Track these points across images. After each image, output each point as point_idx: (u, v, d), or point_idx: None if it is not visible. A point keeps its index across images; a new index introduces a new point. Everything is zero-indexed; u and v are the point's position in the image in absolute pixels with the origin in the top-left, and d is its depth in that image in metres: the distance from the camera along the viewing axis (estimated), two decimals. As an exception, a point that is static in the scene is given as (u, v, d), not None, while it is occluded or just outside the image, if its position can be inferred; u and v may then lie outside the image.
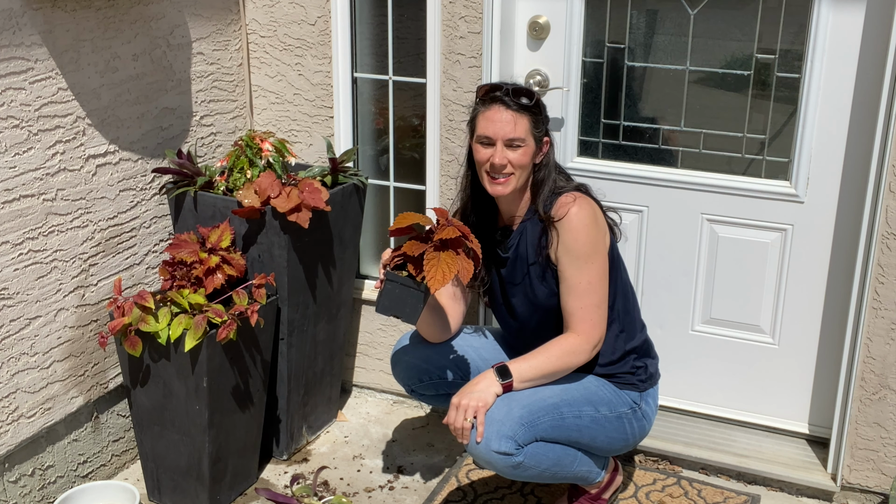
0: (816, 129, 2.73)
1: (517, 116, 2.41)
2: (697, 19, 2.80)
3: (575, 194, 2.48)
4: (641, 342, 2.62)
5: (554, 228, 2.45)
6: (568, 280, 2.45)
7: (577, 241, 2.42)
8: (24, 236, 2.52)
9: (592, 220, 2.45)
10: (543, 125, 2.48)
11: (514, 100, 2.41)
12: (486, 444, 2.36)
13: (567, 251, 2.44)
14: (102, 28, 2.65)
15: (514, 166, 2.43)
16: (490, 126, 2.43)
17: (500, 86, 2.44)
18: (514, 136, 2.41)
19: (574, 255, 2.43)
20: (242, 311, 2.60)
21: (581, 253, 2.43)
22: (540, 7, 2.93)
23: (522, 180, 2.48)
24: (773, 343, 2.97)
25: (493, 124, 2.42)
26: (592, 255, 2.44)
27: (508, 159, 2.42)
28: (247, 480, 2.88)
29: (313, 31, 3.12)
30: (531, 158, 2.45)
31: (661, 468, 2.97)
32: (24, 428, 2.60)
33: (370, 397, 3.43)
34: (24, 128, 2.47)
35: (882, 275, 2.61)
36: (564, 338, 2.47)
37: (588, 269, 2.43)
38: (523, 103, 2.41)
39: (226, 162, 2.85)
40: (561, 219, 2.44)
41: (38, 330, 2.60)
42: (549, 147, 2.50)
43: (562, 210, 2.44)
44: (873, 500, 2.80)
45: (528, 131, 2.43)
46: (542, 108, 2.48)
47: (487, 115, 2.44)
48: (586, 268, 2.43)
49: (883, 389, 2.69)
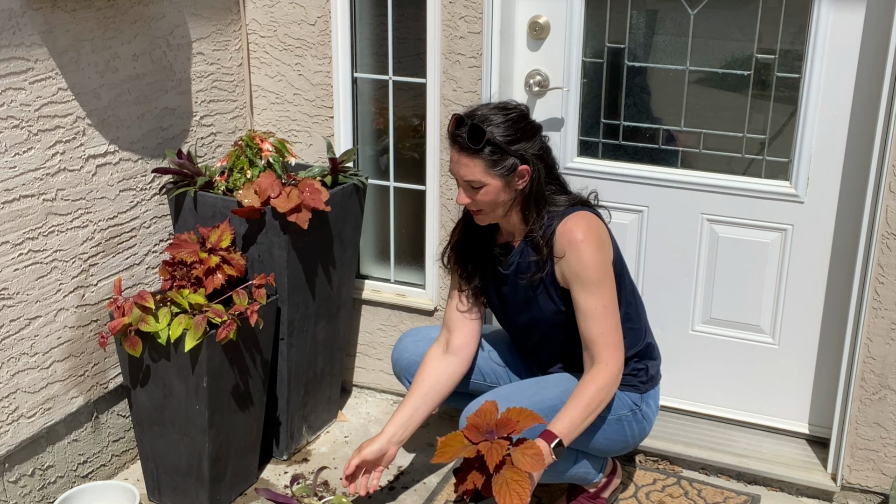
0: (816, 129, 2.73)
1: (470, 160, 2.35)
2: (697, 19, 2.80)
3: (575, 217, 2.41)
4: (644, 346, 2.60)
5: (558, 255, 2.41)
6: (583, 307, 2.41)
7: (588, 270, 2.38)
8: (24, 236, 2.52)
9: (598, 244, 2.40)
10: (513, 159, 2.35)
11: (467, 142, 2.34)
12: None
13: (577, 279, 2.40)
14: (102, 28, 2.65)
15: (479, 204, 2.40)
16: (451, 165, 2.41)
17: (461, 121, 2.36)
18: (470, 179, 2.37)
19: (585, 283, 2.39)
20: (242, 311, 2.60)
21: (592, 280, 2.39)
22: (540, 7, 2.93)
23: (500, 212, 2.43)
24: (773, 343, 2.97)
25: (453, 164, 2.40)
26: (603, 279, 2.40)
27: (472, 198, 2.39)
28: (247, 480, 2.88)
29: (313, 31, 3.12)
30: (497, 194, 2.38)
31: (661, 468, 2.97)
32: (24, 428, 2.60)
33: (370, 397, 3.43)
34: (24, 128, 2.47)
35: (882, 275, 2.61)
36: (595, 375, 2.40)
37: (601, 294, 2.40)
38: (473, 147, 2.33)
39: (226, 162, 2.85)
40: (565, 249, 2.39)
41: (38, 330, 2.60)
42: (529, 175, 2.38)
43: (564, 238, 2.40)
44: (873, 500, 2.80)
45: (485, 172, 2.34)
46: (506, 144, 2.34)
47: (451, 153, 2.41)
48: (599, 293, 2.39)
49: (883, 389, 2.69)
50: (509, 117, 2.37)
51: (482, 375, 2.74)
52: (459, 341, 2.64)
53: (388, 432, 2.58)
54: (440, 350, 2.66)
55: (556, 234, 2.41)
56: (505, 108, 2.40)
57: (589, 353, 2.43)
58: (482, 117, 2.36)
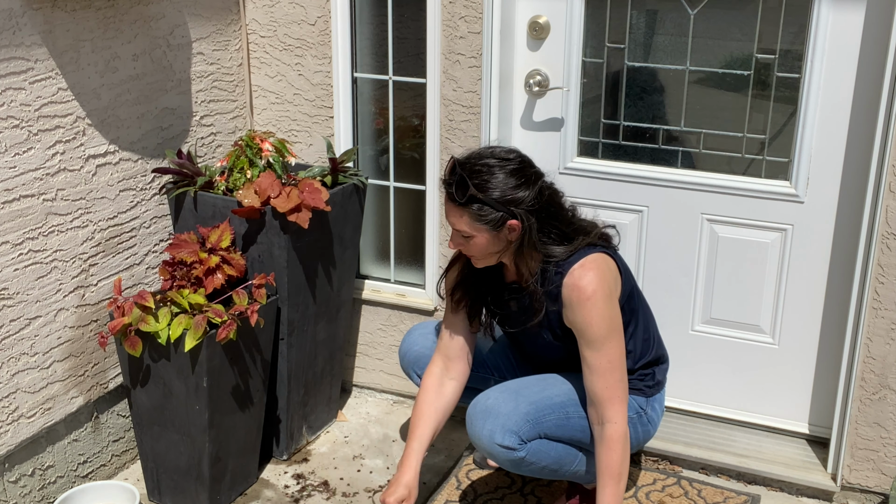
0: (816, 129, 2.73)
1: (459, 211, 2.31)
2: (697, 19, 2.80)
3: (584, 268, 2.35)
4: (655, 356, 2.60)
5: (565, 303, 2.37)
6: (587, 360, 2.37)
7: (592, 327, 2.34)
8: (24, 236, 2.52)
9: (606, 298, 2.35)
10: (501, 212, 2.28)
11: (454, 194, 2.30)
12: (489, 437, 2.37)
13: (583, 335, 2.36)
14: (102, 28, 2.65)
15: (471, 252, 2.38)
16: (444, 210, 2.40)
17: (454, 169, 2.32)
18: (459, 230, 2.34)
19: (590, 339, 2.35)
20: (242, 311, 2.60)
21: (597, 337, 2.34)
22: (540, 7, 2.93)
23: (494, 259, 2.40)
24: (773, 343, 2.97)
25: (445, 210, 2.39)
26: (609, 335, 2.35)
27: (462, 246, 2.38)
28: (247, 480, 2.88)
29: (313, 31, 3.12)
30: (488, 246, 2.34)
31: (661, 468, 2.97)
32: (24, 428, 2.60)
33: (370, 397, 3.43)
34: (24, 128, 2.47)
35: (882, 275, 2.61)
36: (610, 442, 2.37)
37: (607, 350, 2.35)
38: (458, 201, 2.29)
39: (226, 162, 2.85)
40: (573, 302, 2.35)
41: (38, 330, 2.60)
42: (519, 230, 2.30)
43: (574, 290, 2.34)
44: (873, 500, 2.80)
45: (471, 224, 2.30)
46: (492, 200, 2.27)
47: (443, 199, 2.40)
48: (604, 349, 2.35)
49: (883, 389, 2.69)
50: (506, 169, 2.29)
51: (489, 370, 2.76)
52: (460, 368, 2.61)
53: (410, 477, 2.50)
54: (438, 379, 2.60)
55: (563, 285, 2.36)
56: (505, 157, 2.33)
57: (595, 410, 2.39)
58: (477, 168, 2.30)
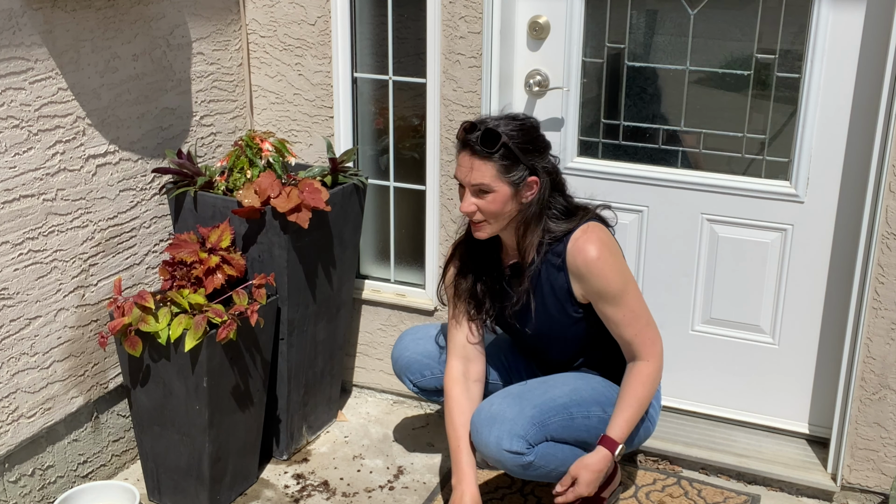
0: (816, 129, 2.73)
1: (483, 164, 2.31)
2: (697, 19, 2.80)
3: (585, 230, 2.39)
4: None
5: (574, 273, 2.40)
6: (611, 318, 2.41)
7: (609, 284, 2.38)
8: (24, 236, 2.52)
9: (612, 254, 2.39)
10: (525, 165, 2.33)
11: (480, 146, 2.30)
12: (497, 443, 2.37)
13: (600, 295, 2.39)
14: (102, 28, 2.65)
15: (484, 213, 2.36)
16: (458, 170, 2.37)
17: (474, 126, 2.33)
18: (479, 183, 2.32)
19: (608, 296, 2.39)
20: (242, 311, 2.60)
21: (615, 292, 2.39)
22: (540, 7, 2.93)
23: (503, 224, 2.39)
24: (773, 343, 2.97)
25: (460, 169, 2.36)
26: (625, 287, 2.40)
27: (477, 206, 2.35)
28: (247, 480, 2.88)
29: (313, 31, 3.12)
30: (504, 204, 2.34)
31: (661, 468, 2.97)
32: (24, 428, 2.60)
33: (370, 397, 3.43)
34: (24, 128, 2.47)
35: (882, 275, 2.61)
36: (639, 372, 2.43)
37: (626, 301, 2.40)
38: (487, 151, 2.30)
39: (226, 162, 2.85)
40: (581, 270, 2.38)
41: (38, 330, 2.60)
42: (537, 187, 2.36)
43: (580, 256, 2.37)
44: (873, 500, 2.80)
45: (496, 178, 2.31)
46: (517, 151, 2.31)
47: (459, 158, 2.37)
48: (624, 301, 2.40)
49: (883, 389, 2.69)
50: (522, 127, 2.35)
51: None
52: (479, 369, 2.62)
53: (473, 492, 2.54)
54: (461, 385, 2.60)
55: (567, 250, 2.40)
56: (516, 118, 2.38)
57: (628, 351, 2.46)
58: (494, 124, 2.33)
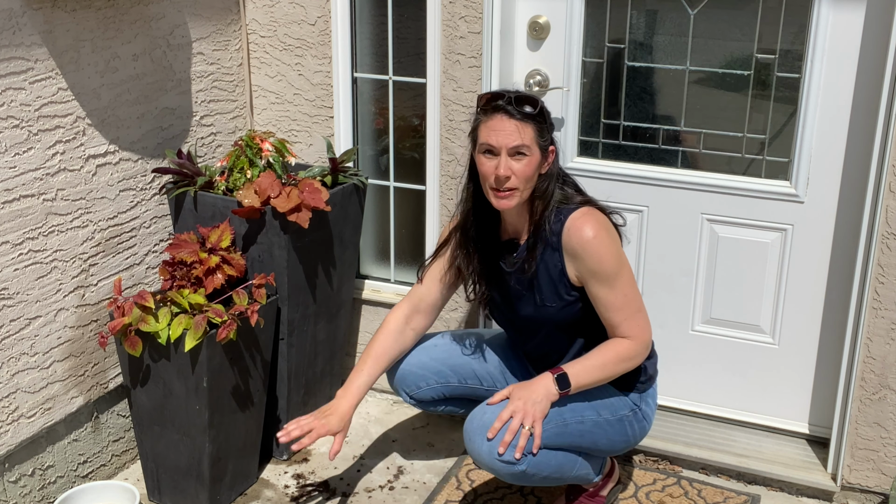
0: (816, 129, 2.73)
1: (521, 125, 2.31)
2: (697, 19, 2.80)
3: (583, 211, 2.40)
4: None
5: (569, 252, 2.40)
6: (602, 300, 2.40)
7: (603, 263, 2.37)
8: (24, 236, 2.52)
9: (609, 236, 2.40)
10: (548, 133, 2.38)
11: (517, 108, 2.31)
12: (489, 453, 2.35)
13: (593, 275, 2.38)
14: (102, 28, 2.65)
15: (519, 178, 2.34)
16: (493, 135, 2.33)
17: (501, 94, 2.35)
18: (520, 144, 2.31)
19: (602, 276, 2.38)
20: (242, 311, 2.60)
21: (609, 273, 2.37)
22: (540, 7, 2.93)
23: (528, 193, 2.39)
24: (773, 343, 2.97)
25: (495, 133, 2.33)
26: (619, 269, 2.39)
27: (513, 170, 2.33)
28: (247, 480, 2.88)
29: (313, 31, 3.12)
30: (536, 169, 2.36)
31: (661, 468, 2.97)
32: (24, 428, 2.60)
33: (370, 397, 3.43)
34: (24, 128, 2.47)
35: (882, 275, 2.61)
36: (619, 342, 2.42)
37: (619, 284, 2.39)
38: (527, 112, 2.31)
39: (226, 162, 2.85)
40: (576, 248, 2.38)
41: (38, 330, 2.60)
42: (554, 156, 2.41)
43: (575, 235, 2.38)
44: (873, 500, 2.80)
45: (534, 140, 2.33)
46: (547, 116, 2.37)
47: (490, 124, 2.34)
48: (618, 283, 2.38)
49: (883, 389, 2.70)
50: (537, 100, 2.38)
51: (479, 380, 2.73)
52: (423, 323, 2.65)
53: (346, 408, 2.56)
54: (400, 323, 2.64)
55: (564, 229, 2.40)
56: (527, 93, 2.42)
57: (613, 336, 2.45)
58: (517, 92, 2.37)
